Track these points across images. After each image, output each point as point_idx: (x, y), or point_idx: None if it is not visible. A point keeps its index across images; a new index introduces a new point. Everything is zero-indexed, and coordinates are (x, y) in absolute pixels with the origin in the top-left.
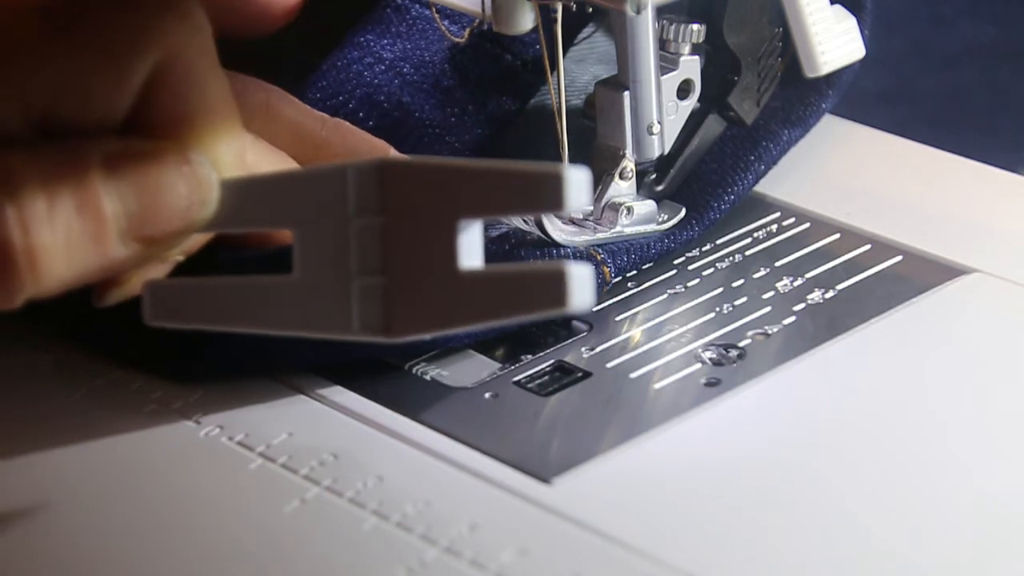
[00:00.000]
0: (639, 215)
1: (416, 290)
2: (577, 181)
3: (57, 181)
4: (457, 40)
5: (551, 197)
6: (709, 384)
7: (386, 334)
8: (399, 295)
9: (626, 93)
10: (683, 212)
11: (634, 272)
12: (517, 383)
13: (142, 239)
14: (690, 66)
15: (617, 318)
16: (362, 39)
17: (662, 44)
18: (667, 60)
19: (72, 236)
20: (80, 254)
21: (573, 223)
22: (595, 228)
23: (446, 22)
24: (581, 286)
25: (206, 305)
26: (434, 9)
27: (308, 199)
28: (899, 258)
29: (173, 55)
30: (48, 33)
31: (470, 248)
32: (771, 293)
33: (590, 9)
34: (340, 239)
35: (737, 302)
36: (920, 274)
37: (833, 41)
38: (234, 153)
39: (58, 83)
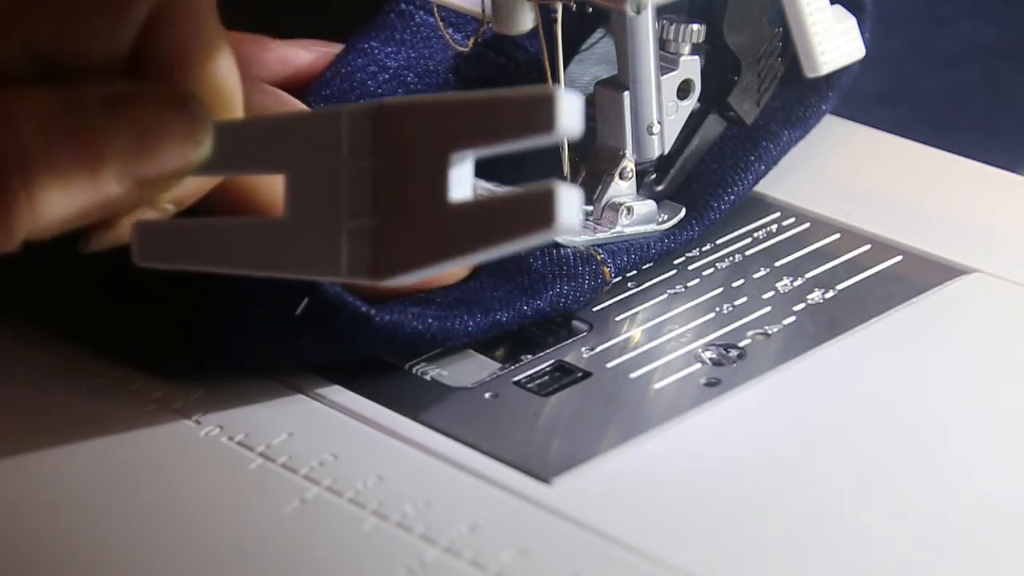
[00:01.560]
0: (639, 215)
1: (405, 227)
2: (569, 103)
3: (56, 121)
4: (461, 49)
5: (544, 119)
6: (709, 384)
7: (374, 276)
8: (388, 235)
9: (626, 93)
10: (683, 212)
11: (634, 272)
12: (517, 383)
13: (138, 178)
14: (690, 66)
15: (617, 318)
16: (365, 45)
17: (662, 44)
18: (667, 60)
19: (70, 174)
20: (77, 192)
21: None
22: (595, 228)
23: (450, 30)
24: (568, 205)
25: (195, 245)
26: (438, 16)
27: (303, 142)
28: (899, 258)
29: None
30: None
31: (461, 181)
32: (771, 293)
33: (590, 9)
34: (332, 182)
35: (737, 302)
36: (920, 274)
37: (833, 41)
38: (229, 96)
39: (60, 22)
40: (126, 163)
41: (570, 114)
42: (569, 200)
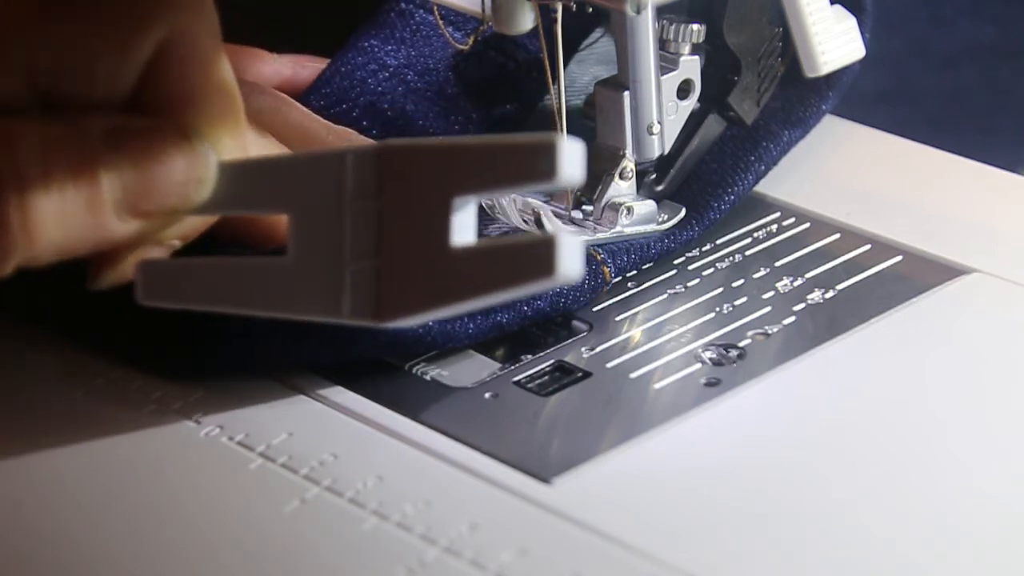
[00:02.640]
0: (639, 215)
1: (407, 271)
2: (571, 151)
3: (57, 149)
4: (461, 48)
5: (545, 167)
6: (709, 384)
7: (376, 318)
8: (390, 277)
9: (626, 93)
10: (683, 212)
11: (634, 272)
12: (517, 383)
13: (138, 212)
14: (690, 66)
15: (617, 318)
16: (366, 44)
17: (662, 44)
18: (667, 60)
19: (67, 202)
20: (74, 220)
21: (573, 223)
22: (595, 228)
23: (450, 28)
24: (569, 255)
25: (198, 285)
26: (438, 15)
27: (306, 183)
28: (899, 258)
29: (178, 34)
30: (54, 5)
31: (463, 226)
32: (771, 293)
33: (590, 9)
34: (336, 223)
35: (737, 302)
36: (920, 274)
37: (833, 41)
38: (234, 135)
39: (63, 56)
40: (125, 195)
41: (571, 163)
42: (570, 251)
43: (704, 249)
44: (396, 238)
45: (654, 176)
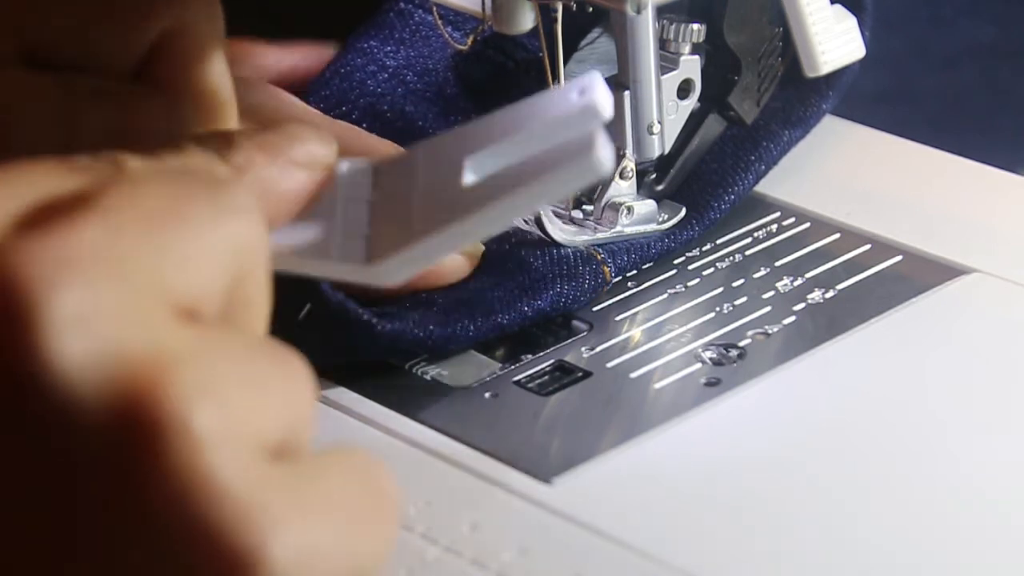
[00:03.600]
0: (639, 215)
1: (403, 208)
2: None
3: (41, 96)
4: (460, 48)
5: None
6: (709, 384)
7: (367, 259)
8: (385, 217)
9: (626, 93)
10: (683, 212)
11: (634, 272)
12: (517, 383)
13: None
14: (690, 66)
15: (617, 318)
16: (364, 45)
17: (662, 44)
18: (667, 60)
19: (44, 148)
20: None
21: (573, 223)
22: (595, 228)
23: (449, 28)
24: (604, 145)
25: None
26: (437, 15)
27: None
28: (899, 258)
29: (183, 26)
30: None
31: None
32: (771, 293)
33: (590, 9)
34: (330, 203)
35: (737, 302)
36: (920, 274)
37: (833, 41)
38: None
39: (66, 35)
40: (108, 142)
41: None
42: (604, 143)
43: (704, 249)
44: (396, 185)
45: (654, 176)
